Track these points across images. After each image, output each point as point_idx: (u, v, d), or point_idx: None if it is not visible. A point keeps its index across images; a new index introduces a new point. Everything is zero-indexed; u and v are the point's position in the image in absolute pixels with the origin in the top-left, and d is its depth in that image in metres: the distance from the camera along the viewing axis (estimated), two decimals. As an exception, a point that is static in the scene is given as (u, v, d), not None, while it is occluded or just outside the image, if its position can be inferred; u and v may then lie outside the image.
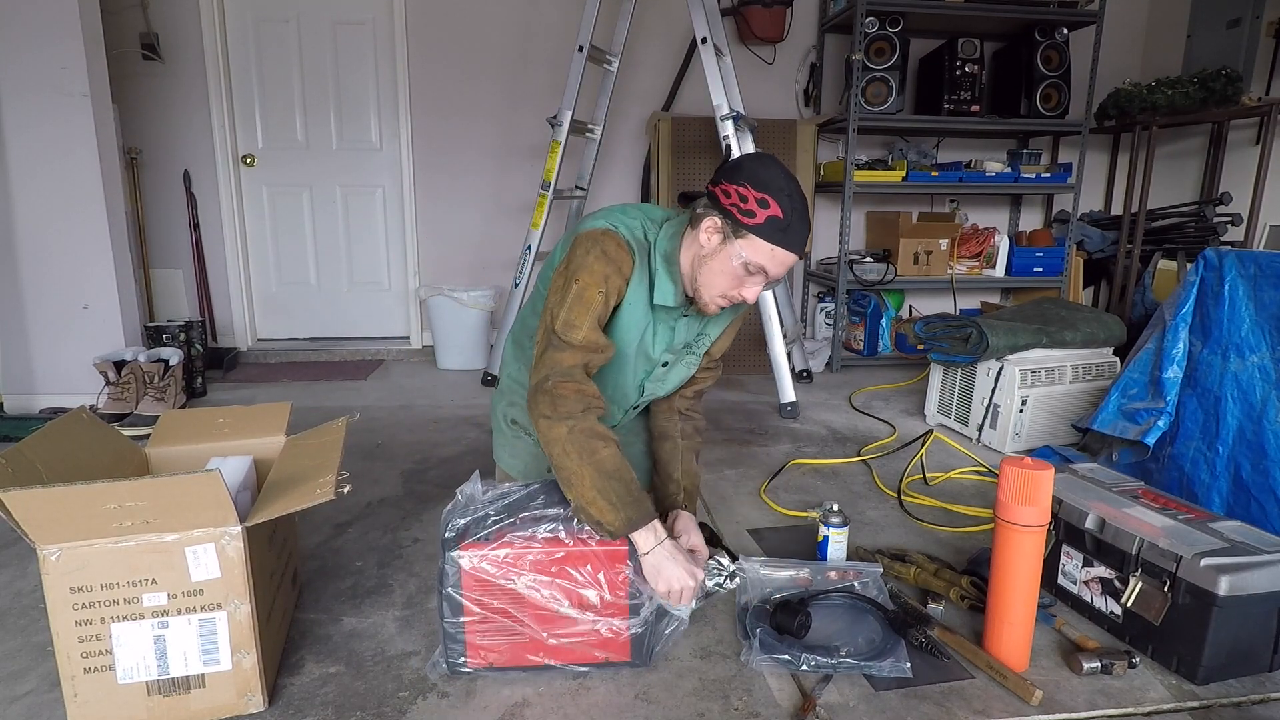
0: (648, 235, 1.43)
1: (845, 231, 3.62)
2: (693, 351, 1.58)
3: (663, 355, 1.54)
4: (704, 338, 1.58)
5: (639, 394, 1.59)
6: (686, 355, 1.57)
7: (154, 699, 1.17)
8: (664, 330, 1.50)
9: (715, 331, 1.59)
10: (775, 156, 1.39)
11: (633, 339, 1.47)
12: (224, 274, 3.90)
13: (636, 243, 1.39)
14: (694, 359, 1.59)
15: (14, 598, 1.58)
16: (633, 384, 1.57)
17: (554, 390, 1.28)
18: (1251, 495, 1.84)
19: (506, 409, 1.77)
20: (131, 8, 3.56)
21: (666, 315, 1.48)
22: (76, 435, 1.33)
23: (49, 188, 2.81)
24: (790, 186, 1.32)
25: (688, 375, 1.61)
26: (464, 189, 3.95)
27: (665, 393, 1.63)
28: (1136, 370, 2.18)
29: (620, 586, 1.28)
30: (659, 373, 1.57)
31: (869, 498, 2.18)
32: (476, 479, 1.39)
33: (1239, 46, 3.50)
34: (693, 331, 1.55)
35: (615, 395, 1.59)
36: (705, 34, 2.94)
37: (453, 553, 1.24)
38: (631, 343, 1.47)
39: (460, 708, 1.25)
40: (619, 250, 1.34)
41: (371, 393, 3.27)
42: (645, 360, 1.53)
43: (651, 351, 1.52)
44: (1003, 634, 1.35)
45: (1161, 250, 3.76)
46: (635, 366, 1.52)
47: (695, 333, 1.55)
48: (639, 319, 1.45)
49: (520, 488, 1.40)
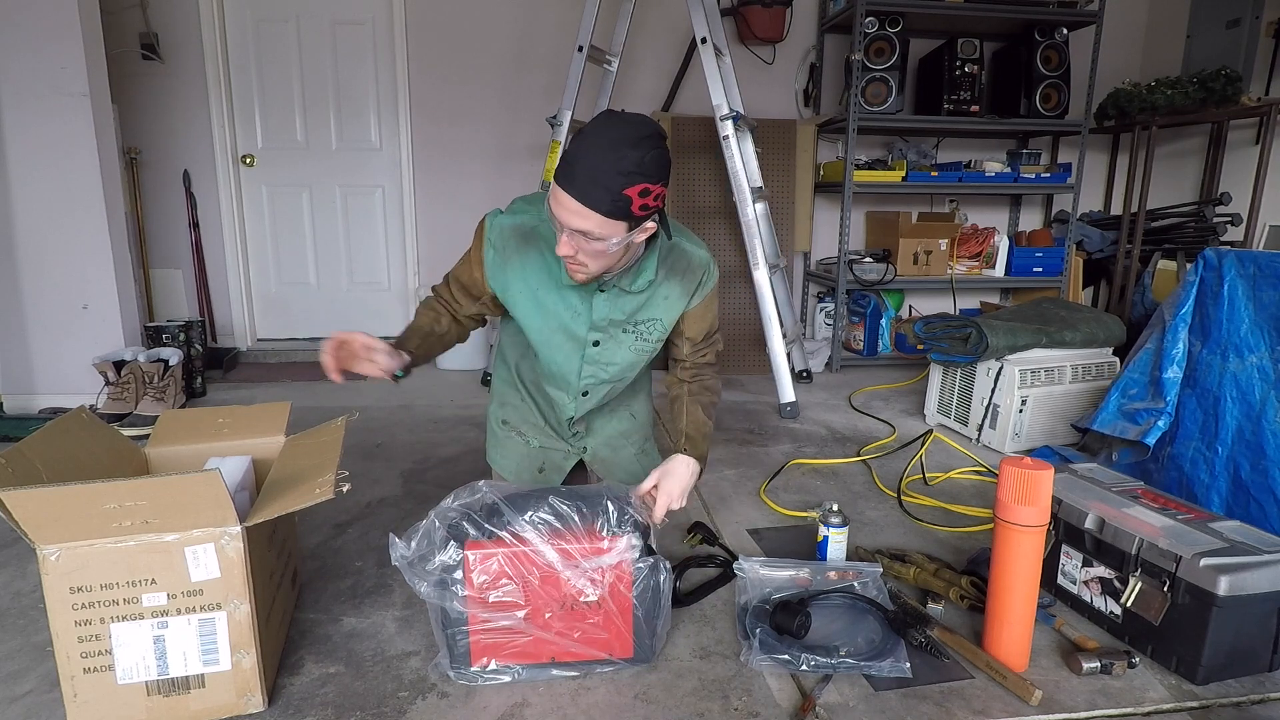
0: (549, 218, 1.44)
1: (845, 231, 3.62)
2: (633, 333, 1.55)
3: (590, 334, 1.53)
4: (654, 322, 1.55)
5: (580, 376, 1.60)
6: (624, 336, 1.55)
7: (153, 699, 1.17)
8: (582, 308, 1.51)
9: (663, 314, 1.55)
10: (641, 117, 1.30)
11: (549, 316, 1.52)
12: (224, 274, 3.90)
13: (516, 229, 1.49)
14: (642, 344, 1.57)
15: (14, 598, 1.58)
16: (569, 365, 1.59)
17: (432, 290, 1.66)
18: (1250, 495, 1.84)
19: (497, 409, 1.79)
20: (131, 8, 3.56)
21: (580, 293, 1.49)
22: (76, 435, 1.33)
23: (49, 188, 2.81)
24: (593, 127, 1.25)
25: (636, 359, 1.60)
26: (464, 189, 3.95)
27: (611, 376, 1.62)
28: (1136, 370, 2.18)
29: (623, 582, 1.28)
30: (592, 353, 1.56)
31: (869, 498, 2.18)
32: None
33: (1239, 46, 3.50)
34: (619, 310, 1.52)
35: (557, 377, 1.63)
36: (705, 34, 2.94)
37: (452, 552, 1.24)
38: (549, 320, 1.52)
39: (460, 708, 1.25)
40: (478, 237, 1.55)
41: (371, 393, 3.27)
42: (570, 338, 1.54)
43: (575, 329, 1.53)
44: (1002, 634, 1.35)
45: (1161, 250, 3.76)
46: (563, 345, 1.56)
47: (624, 312, 1.52)
48: (544, 296, 1.50)
49: (514, 487, 1.40)
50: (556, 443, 1.76)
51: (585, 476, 1.82)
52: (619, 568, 1.28)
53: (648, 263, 1.48)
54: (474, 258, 1.55)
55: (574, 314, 1.51)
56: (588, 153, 1.23)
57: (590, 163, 1.22)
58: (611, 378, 1.63)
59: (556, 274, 1.47)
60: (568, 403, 1.66)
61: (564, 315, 1.51)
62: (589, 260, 1.33)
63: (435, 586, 1.24)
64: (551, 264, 1.47)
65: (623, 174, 1.22)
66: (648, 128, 1.26)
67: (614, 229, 1.27)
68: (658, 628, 1.34)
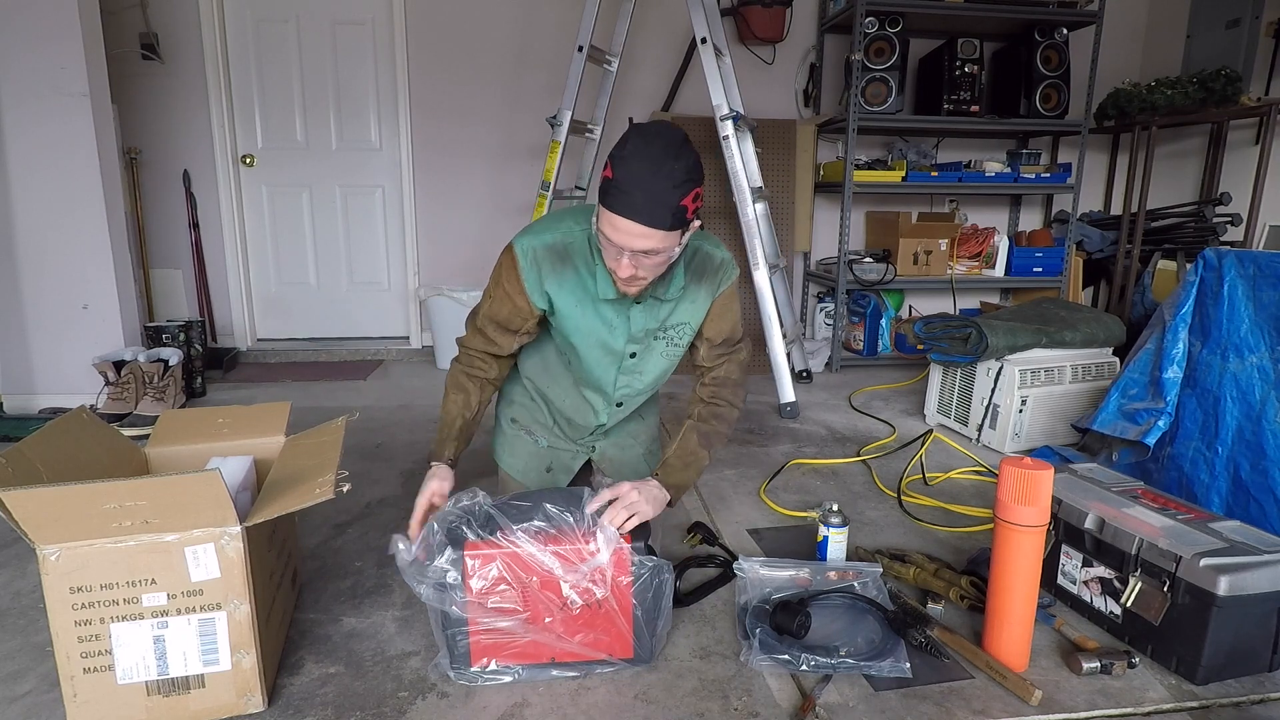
0: (578, 235, 1.46)
1: (845, 231, 3.62)
2: (664, 339, 1.56)
3: (627, 346, 1.55)
4: (683, 326, 1.56)
5: (615, 387, 1.62)
6: (656, 344, 1.57)
7: (153, 699, 1.17)
8: (619, 321, 1.51)
9: (690, 317, 1.55)
10: (663, 124, 1.34)
11: (586, 334, 1.52)
12: (223, 274, 3.90)
13: (549, 250, 1.46)
14: (673, 350, 1.58)
15: (13, 598, 1.58)
16: (606, 378, 1.60)
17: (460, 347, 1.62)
18: (1250, 495, 1.84)
19: (505, 408, 1.79)
20: (131, 8, 3.56)
21: (616, 306, 1.50)
22: (76, 435, 1.33)
23: (48, 188, 2.81)
24: (633, 148, 1.27)
25: (668, 366, 1.62)
26: (464, 189, 3.95)
27: (646, 385, 1.64)
28: (1136, 370, 2.18)
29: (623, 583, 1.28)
30: (629, 364, 1.58)
31: (869, 498, 2.18)
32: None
33: (1239, 46, 3.50)
34: (654, 319, 1.53)
35: (594, 389, 1.64)
36: (705, 34, 2.94)
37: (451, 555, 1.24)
38: (586, 337, 1.52)
39: (460, 708, 1.25)
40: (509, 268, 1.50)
41: (371, 393, 3.27)
42: (608, 353, 1.55)
43: (612, 343, 1.54)
44: (1002, 634, 1.35)
45: (1161, 250, 3.76)
46: (601, 360, 1.56)
47: (658, 320, 1.53)
48: (580, 314, 1.50)
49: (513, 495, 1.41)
50: (565, 443, 1.76)
51: (591, 475, 1.82)
52: (618, 566, 1.28)
53: (678, 269, 1.48)
54: (511, 288, 1.50)
55: (610, 329, 1.52)
56: (641, 177, 1.25)
57: (647, 186, 1.25)
58: (646, 387, 1.65)
59: (592, 290, 1.47)
60: (601, 411, 1.68)
61: (601, 331, 1.52)
62: (649, 274, 1.37)
63: (435, 589, 1.24)
64: (586, 280, 1.47)
65: (677, 187, 1.27)
66: (678, 134, 1.31)
67: (674, 239, 1.32)
68: (658, 628, 1.34)
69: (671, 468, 1.52)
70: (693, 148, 1.32)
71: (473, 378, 1.58)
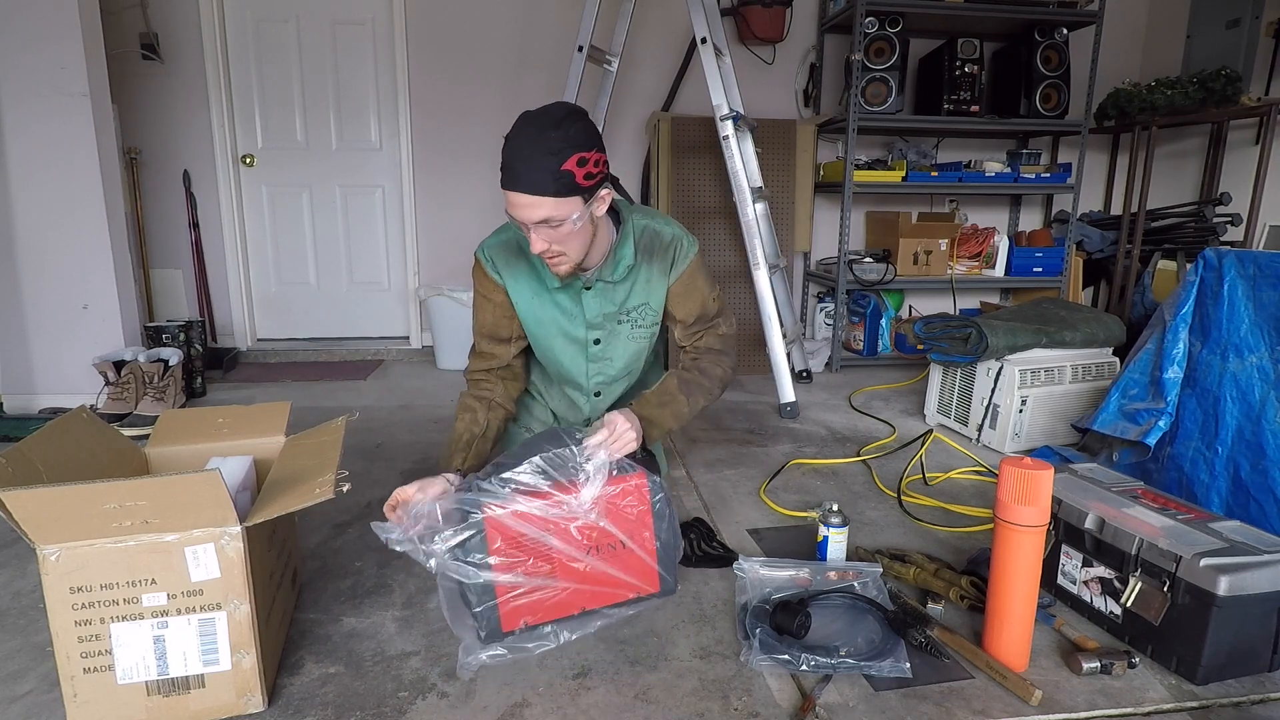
0: None
1: (845, 231, 3.62)
2: (627, 322, 1.58)
3: (589, 333, 1.57)
4: (643, 308, 1.58)
5: (588, 377, 1.65)
6: (620, 328, 1.59)
7: (153, 699, 1.17)
8: (574, 309, 1.54)
9: (648, 297, 1.57)
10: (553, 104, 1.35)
11: (548, 324, 1.56)
12: (224, 274, 3.90)
13: (503, 246, 1.53)
14: (638, 332, 1.60)
15: (13, 598, 1.58)
16: (577, 369, 1.63)
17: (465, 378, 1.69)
18: (1250, 495, 1.84)
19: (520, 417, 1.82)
20: (131, 8, 3.56)
21: (568, 294, 1.53)
22: (76, 435, 1.33)
23: (48, 188, 2.81)
24: (515, 130, 1.30)
25: (638, 349, 1.64)
26: (464, 189, 3.95)
27: (618, 371, 1.67)
28: (1136, 370, 2.18)
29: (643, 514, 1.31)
30: (595, 350, 1.60)
31: (869, 498, 2.18)
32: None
33: (1239, 47, 3.50)
34: (610, 302, 1.56)
35: (572, 385, 1.68)
36: (705, 34, 2.94)
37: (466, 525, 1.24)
38: (549, 328, 1.57)
39: (460, 708, 1.25)
40: (478, 271, 1.58)
41: (371, 393, 3.27)
42: (571, 341, 1.58)
43: (573, 331, 1.56)
44: (1002, 634, 1.35)
45: (1161, 250, 3.76)
46: (567, 350, 1.60)
47: (615, 304, 1.56)
48: (539, 305, 1.54)
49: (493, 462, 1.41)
50: None
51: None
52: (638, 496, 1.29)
53: (624, 249, 1.51)
54: (484, 289, 1.56)
55: (568, 316, 1.55)
56: (517, 148, 1.29)
57: (522, 155, 1.28)
58: (619, 374, 1.67)
59: (545, 279, 1.51)
60: (583, 405, 1.71)
61: (560, 319, 1.55)
62: (564, 247, 1.37)
63: (452, 562, 1.24)
64: (539, 271, 1.51)
65: (553, 153, 1.27)
66: (564, 108, 1.32)
67: (570, 206, 1.31)
68: (675, 558, 1.36)
69: (647, 401, 1.53)
70: (581, 119, 1.32)
71: (479, 398, 1.61)
